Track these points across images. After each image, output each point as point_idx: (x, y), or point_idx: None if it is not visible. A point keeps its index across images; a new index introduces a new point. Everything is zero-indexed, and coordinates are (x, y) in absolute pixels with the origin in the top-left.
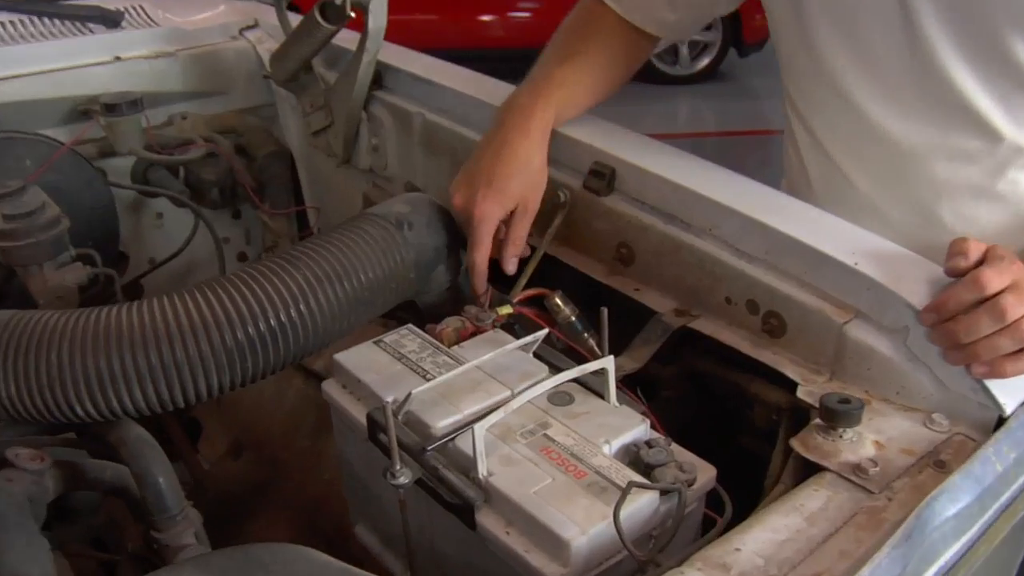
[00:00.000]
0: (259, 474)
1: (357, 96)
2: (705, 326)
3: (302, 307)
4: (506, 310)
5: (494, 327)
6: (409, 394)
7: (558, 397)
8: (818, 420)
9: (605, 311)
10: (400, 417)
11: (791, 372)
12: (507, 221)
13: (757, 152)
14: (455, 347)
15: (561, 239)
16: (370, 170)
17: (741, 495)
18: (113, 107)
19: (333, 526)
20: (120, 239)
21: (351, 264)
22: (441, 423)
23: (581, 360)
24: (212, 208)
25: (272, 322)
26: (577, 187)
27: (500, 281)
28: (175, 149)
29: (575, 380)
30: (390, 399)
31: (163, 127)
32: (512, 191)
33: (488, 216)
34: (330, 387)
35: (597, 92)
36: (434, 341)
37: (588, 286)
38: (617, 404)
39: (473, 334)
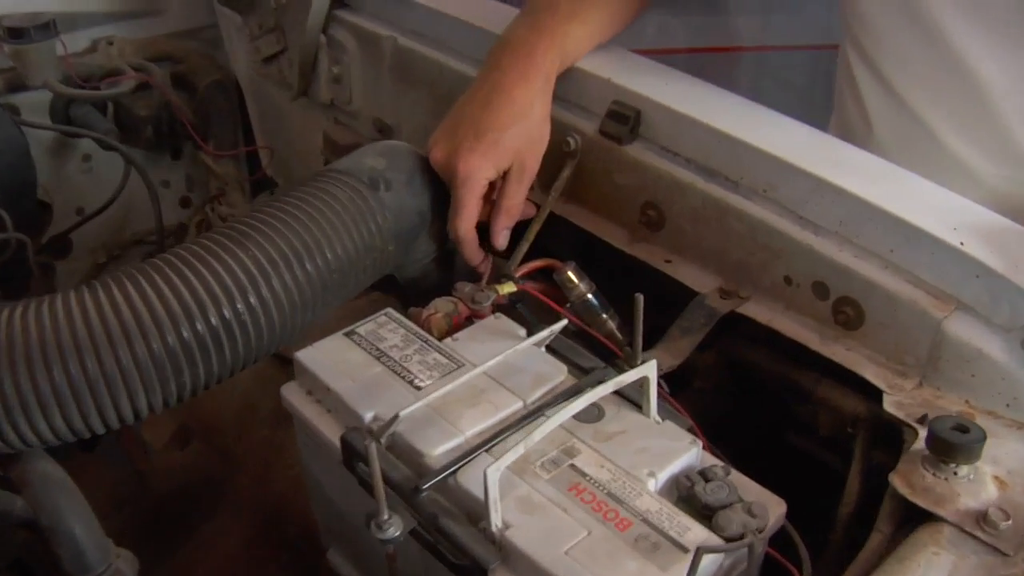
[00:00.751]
0: (210, 467)
1: (315, 16)
2: (759, 311)
3: (252, 298)
4: (508, 288)
5: (494, 310)
6: (396, 416)
7: (584, 410)
8: (923, 448)
9: (641, 299)
10: (384, 441)
11: (872, 375)
12: (499, 184)
13: (726, 71)
14: (447, 340)
15: (572, 196)
16: (331, 104)
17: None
18: (19, 32)
19: (300, 532)
20: (40, 187)
21: (315, 238)
22: (438, 450)
23: (599, 349)
24: (147, 149)
25: (214, 320)
26: (591, 132)
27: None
28: (100, 81)
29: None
30: (370, 415)
31: (85, 55)
32: (505, 145)
33: (474, 174)
34: (291, 393)
35: (613, 24)
36: (420, 331)
37: (606, 255)
38: (659, 419)
39: (469, 319)
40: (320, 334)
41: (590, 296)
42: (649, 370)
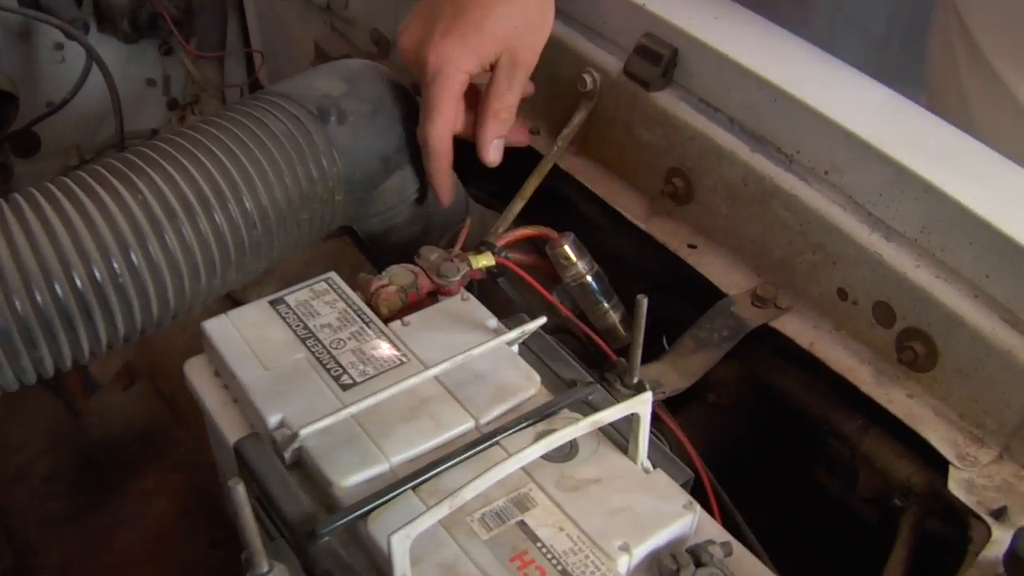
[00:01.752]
0: (152, 414)
1: None
2: (799, 329)
3: (136, 256)
4: (484, 260)
5: (462, 286)
6: (295, 435)
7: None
8: (999, 561)
9: (644, 302)
10: (287, 456)
11: (937, 438)
12: (487, 82)
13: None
14: (396, 323)
15: (583, 148)
16: (327, 7)
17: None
18: None
19: None
20: (2, 76)
21: (231, 182)
22: (351, 479)
23: (590, 350)
24: (125, 41)
25: (81, 283)
26: (614, 70)
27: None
28: None
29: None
30: (275, 419)
31: None
32: (491, 29)
33: (447, 65)
34: (195, 371)
35: None
36: (364, 309)
37: (614, 229)
38: (648, 466)
39: (431, 296)
40: (278, 284)
41: (589, 278)
42: (641, 406)
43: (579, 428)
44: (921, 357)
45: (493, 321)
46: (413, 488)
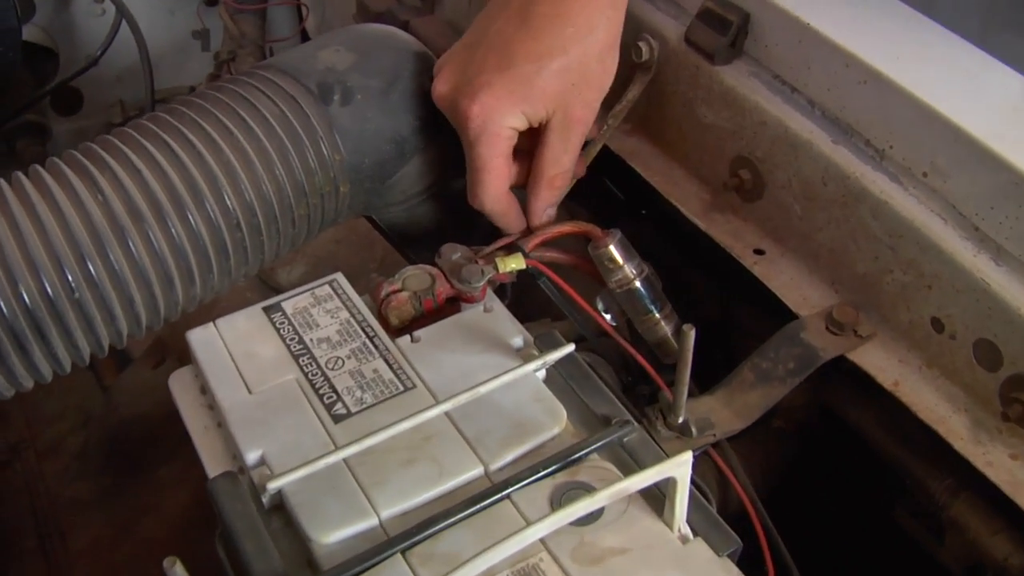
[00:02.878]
0: None
1: None
2: (883, 364)
3: (93, 267)
4: (514, 263)
5: (486, 293)
6: (275, 477)
7: (571, 495)
8: None
9: (692, 333)
10: (265, 500)
11: None
12: (535, 137)
13: None
14: (403, 339)
15: (638, 128)
16: None
17: None
18: None
19: None
20: (42, 31)
21: (209, 175)
22: (334, 536)
23: (636, 372)
24: None
25: (30, 299)
26: (675, 38)
27: None
28: None
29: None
30: (254, 456)
31: None
32: (542, 84)
33: (492, 122)
34: (178, 385)
35: None
36: (370, 319)
37: (669, 225)
38: (687, 533)
39: (452, 303)
40: (308, 263)
41: (638, 284)
42: (678, 469)
43: (597, 499)
44: None
45: (519, 338)
46: (403, 551)
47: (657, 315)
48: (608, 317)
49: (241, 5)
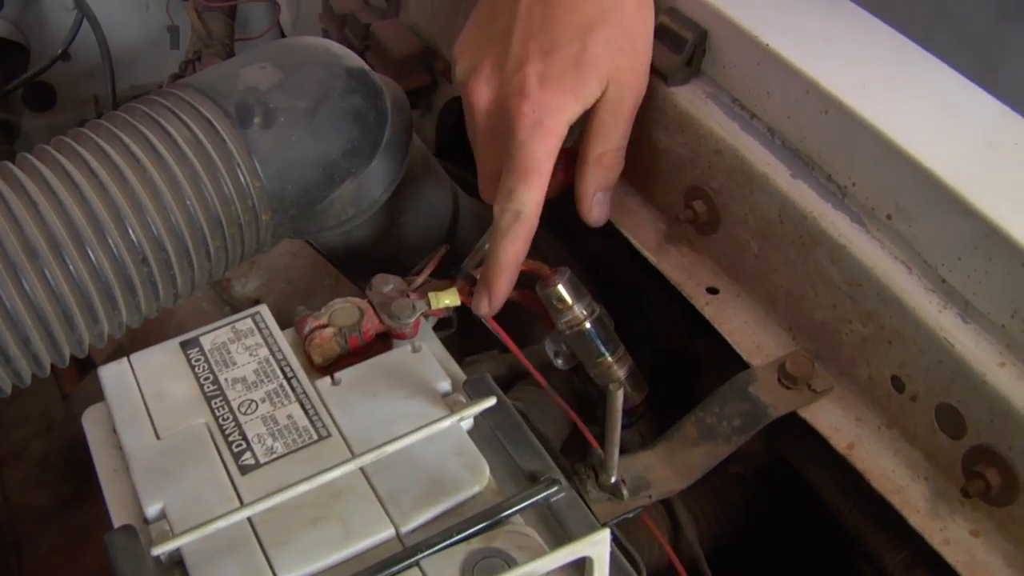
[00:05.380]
0: None
1: None
2: (837, 424)
3: None
4: (447, 300)
5: (419, 330)
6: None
7: (484, 565)
8: None
9: (620, 393)
10: (163, 558)
11: None
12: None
13: None
14: (323, 381)
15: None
16: None
17: None
18: None
19: None
20: (10, 25)
21: (106, 209)
22: None
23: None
24: None
25: None
26: None
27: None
28: None
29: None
30: (155, 509)
31: None
32: (593, 63)
33: (550, 115)
34: (91, 422)
35: None
36: (290, 358)
37: (622, 259)
38: None
39: (381, 338)
40: (263, 276)
41: (588, 325)
42: (595, 548)
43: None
44: (995, 489)
45: (446, 383)
46: None
47: (609, 358)
48: (559, 361)
49: (210, 2)
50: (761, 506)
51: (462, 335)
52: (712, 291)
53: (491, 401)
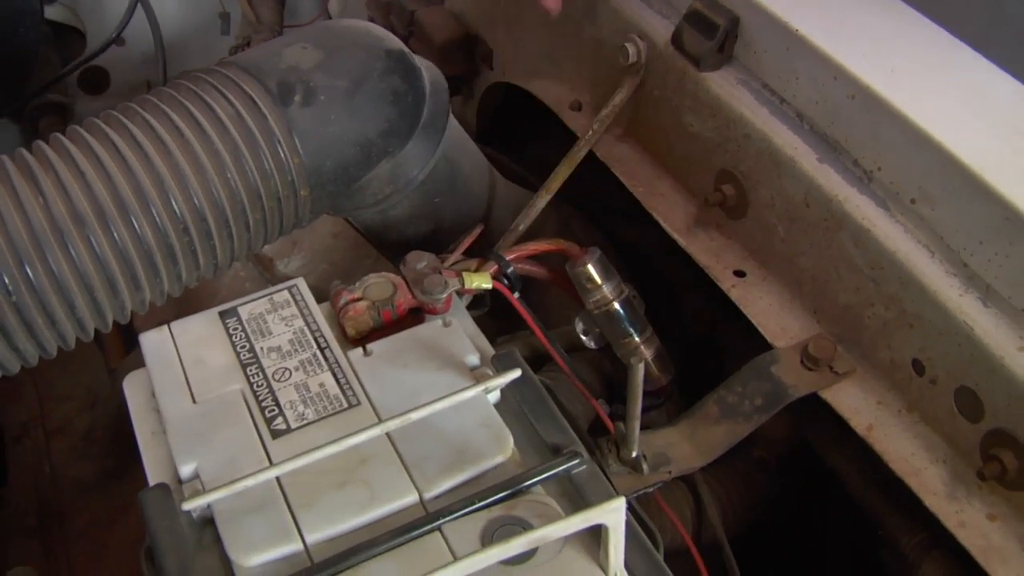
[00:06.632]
0: None
1: None
2: (859, 404)
3: (31, 271)
4: (478, 282)
5: (451, 305)
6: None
7: (504, 532)
8: None
9: (640, 367)
10: (195, 515)
11: None
12: None
13: None
14: (356, 352)
15: (629, 132)
16: None
17: None
18: None
19: None
20: (69, 10)
21: (150, 179)
22: (256, 559)
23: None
24: None
25: None
26: (663, 41)
27: None
28: None
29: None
30: (189, 469)
31: None
32: None
33: None
34: (132, 387)
35: None
36: (324, 329)
37: (653, 240)
38: None
39: (414, 313)
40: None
41: (617, 305)
42: (610, 515)
43: (529, 539)
44: (1012, 473)
45: (475, 357)
46: None
47: (637, 339)
48: (587, 339)
49: None
50: (784, 491)
51: (497, 318)
52: (739, 274)
53: (516, 373)
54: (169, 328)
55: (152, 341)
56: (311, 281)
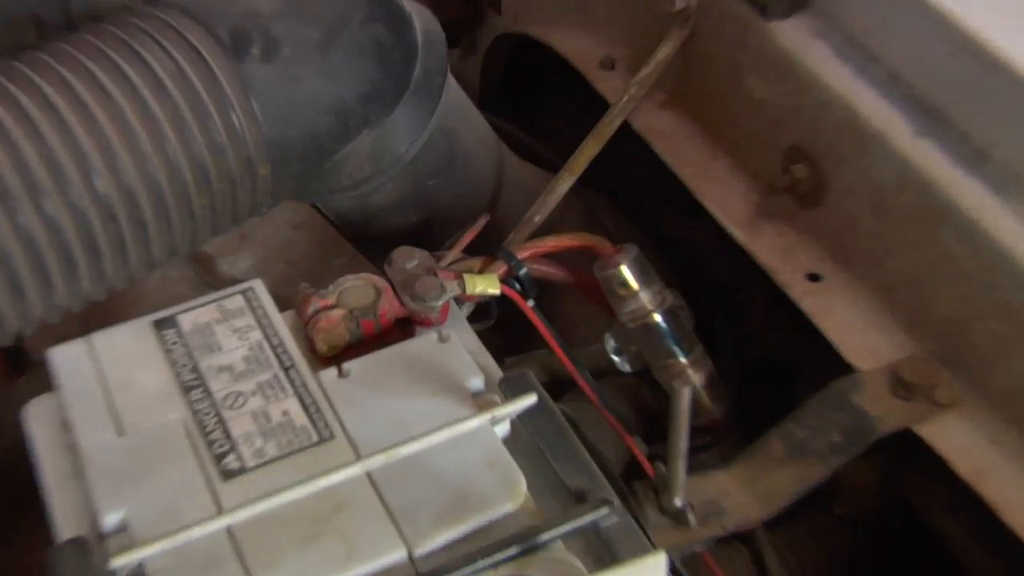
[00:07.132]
0: None
1: None
2: (965, 444)
3: None
4: (483, 286)
5: (445, 316)
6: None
7: None
8: None
9: (686, 392)
10: None
11: None
12: None
13: None
14: (329, 372)
15: (674, 99)
16: None
17: None
18: None
19: None
20: None
21: (68, 153)
22: None
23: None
24: None
25: None
26: None
27: None
28: None
29: None
30: (114, 519)
31: None
32: None
33: None
34: (35, 417)
35: None
36: (288, 342)
37: (706, 244)
38: None
39: (402, 325)
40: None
41: (658, 317)
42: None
43: None
44: None
45: (478, 379)
46: None
47: (683, 359)
48: (619, 360)
49: None
50: (872, 556)
51: (507, 332)
52: (813, 278)
53: (531, 400)
54: (90, 340)
55: (65, 358)
56: (266, 285)
